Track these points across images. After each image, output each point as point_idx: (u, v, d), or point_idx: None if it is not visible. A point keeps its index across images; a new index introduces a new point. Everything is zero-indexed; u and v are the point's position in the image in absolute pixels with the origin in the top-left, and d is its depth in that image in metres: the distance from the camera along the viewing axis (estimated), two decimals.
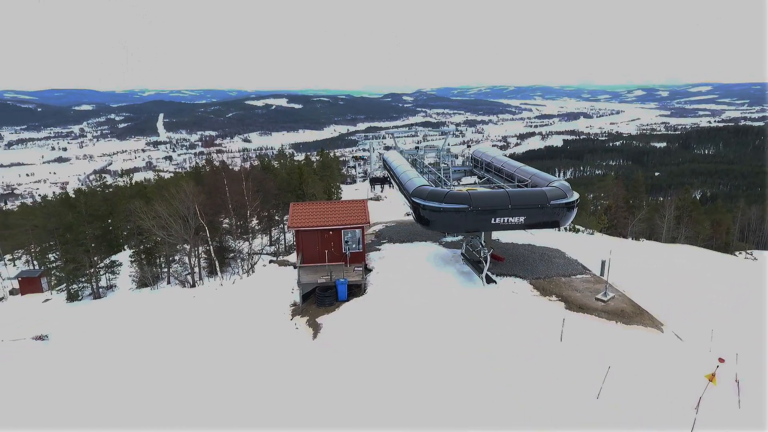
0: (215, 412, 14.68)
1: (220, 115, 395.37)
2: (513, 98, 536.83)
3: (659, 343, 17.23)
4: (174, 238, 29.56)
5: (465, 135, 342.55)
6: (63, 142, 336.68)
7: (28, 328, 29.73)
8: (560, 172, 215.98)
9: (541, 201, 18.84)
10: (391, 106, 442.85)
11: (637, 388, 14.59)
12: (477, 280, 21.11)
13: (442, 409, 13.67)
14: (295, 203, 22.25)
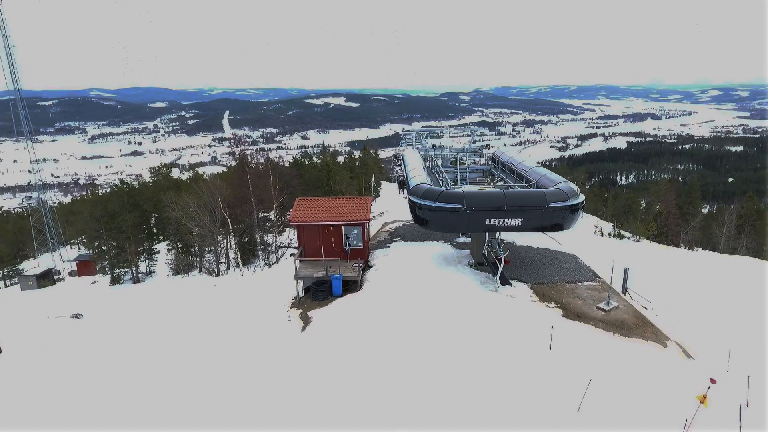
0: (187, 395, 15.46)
1: (281, 113, 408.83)
2: (575, 98, 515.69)
3: (657, 359, 16.24)
4: (202, 228, 31.30)
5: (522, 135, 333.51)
6: (138, 137, 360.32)
7: (72, 306, 32.52)
8: (622, 175, 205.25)
9: (540, 203, 18.21)
10: (447, 105, 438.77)
11: (622, 404, 13.91)
12: (476, 280, 20.75)
13: (408, 408, 13.64)
14: (302, 198, 22.85)
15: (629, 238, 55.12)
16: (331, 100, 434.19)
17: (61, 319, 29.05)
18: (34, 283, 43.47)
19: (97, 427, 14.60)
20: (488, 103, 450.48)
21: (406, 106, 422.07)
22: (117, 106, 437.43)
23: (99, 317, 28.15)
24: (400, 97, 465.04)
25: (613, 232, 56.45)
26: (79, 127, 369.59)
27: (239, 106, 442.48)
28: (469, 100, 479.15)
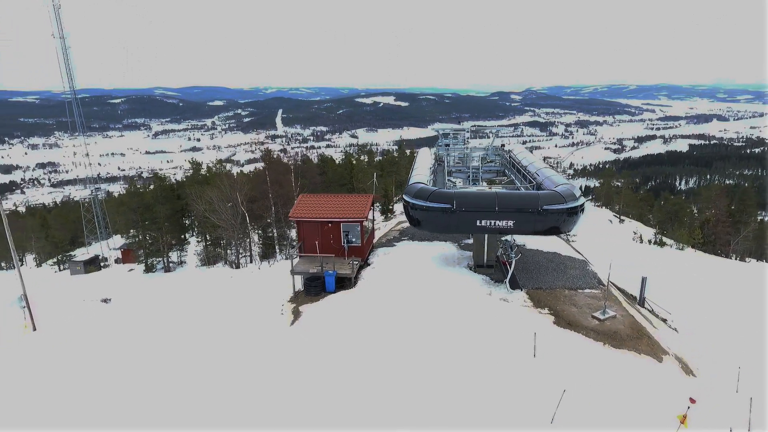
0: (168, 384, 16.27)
1: (332, 112, 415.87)
2: (633, 98, 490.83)
3: (648, 373, 15.40)
4: (223, 221, 32.66)
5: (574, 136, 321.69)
6: (197, 134, 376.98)
7: (106, 291, 34.81)
8: (681, 180, 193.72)
9: (532, 205, 17.69)
10: (497, 105, 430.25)
11: (600, 418, 13.42)
12: (471, 283, 20.45)
13: (376, 405, 13.73)
14: (305, 195, 23.33)
15: (672, 246, 52.17)
16: (381, 99, 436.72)
17: (92, 303, 31.16)
18: (82, 269, 46.76)
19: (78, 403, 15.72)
20: (540, 103, 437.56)
21: (455, 106, 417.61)
22: (179, 104, 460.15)
23: (123, 302, 29.98)
24: (449, 97, 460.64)
25: (654, 239, 53.64)
26: (144, 124, 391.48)
27: (292, 104, 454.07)
28: (520, 99, 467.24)
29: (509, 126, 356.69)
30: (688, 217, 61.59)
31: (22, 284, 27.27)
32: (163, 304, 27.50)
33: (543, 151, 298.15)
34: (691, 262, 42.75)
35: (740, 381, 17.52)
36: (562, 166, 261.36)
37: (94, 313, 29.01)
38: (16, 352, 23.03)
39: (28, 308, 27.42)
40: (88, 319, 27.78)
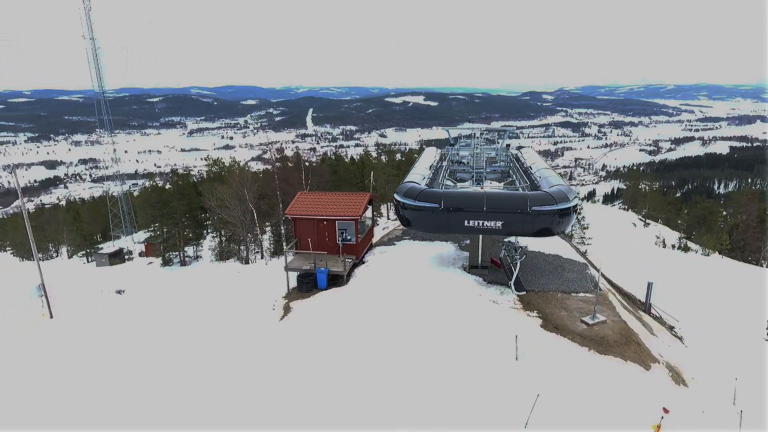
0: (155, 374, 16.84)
1: (361, 111, 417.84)
2: (671, 98, 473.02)
3: (633, 381, 14.99)
4: (233, 218, 33.42)
5: (608, 137, 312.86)
6: (230, 132, 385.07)
7: (124, 283, 36.15)
8: (721, 183, 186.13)
9: (521, 205, 17.43)
10: (528, 105, 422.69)
11: (574, 423, 13.20)
12: (463, 283, 20.29)
13: (350, 400, 13.86)
14: (303, 192, 23.63)
15: (697, 252, 50.24)
16: (410, 99, 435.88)
17: (107, 294, 32.44)
18: (107, 261, 48.66)
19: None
20: (573, 103, 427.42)
21: (485, 106, 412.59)
22: (213, 103, 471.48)
23: (136, 294, 31.08)
24: (480, 96, 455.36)
25: (678, 243, 51.83)
26: (180, 122, 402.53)
27: (322, 103, 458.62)
28: (552, 99, 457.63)
29: (540, 126, 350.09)
30: (718, 222, 59.16)
31: (40, 274, 28.63)
32: (169, 296, 28.41)
33: (575, 152, 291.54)
34: (714, 269, 41.03)
35: (737, 393, 16.91)
36: (594, 168, 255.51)
37: (107, 303, 30.20)
38: (32, 338, 24.26)
39: (45, 297, 28.79)
40: (100, 309, 28.95)
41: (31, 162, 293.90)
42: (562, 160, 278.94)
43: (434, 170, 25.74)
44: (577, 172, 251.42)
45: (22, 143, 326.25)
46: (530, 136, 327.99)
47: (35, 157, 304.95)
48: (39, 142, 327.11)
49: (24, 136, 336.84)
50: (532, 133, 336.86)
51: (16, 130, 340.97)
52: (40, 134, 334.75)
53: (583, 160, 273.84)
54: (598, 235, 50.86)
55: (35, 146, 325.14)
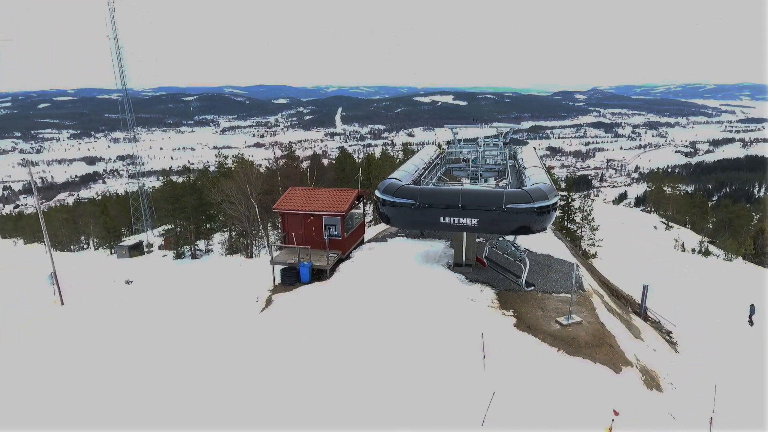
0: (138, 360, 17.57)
1: (390, 110, 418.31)
2: (711, 98, 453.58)
3: (600, 382, 14.73)
4: (237, 212, 34.25)
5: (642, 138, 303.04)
6: (261, 130, 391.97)
7: (137, 274, 37.57)
8: (762, 187, 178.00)
9: (496, 203, 17.31)
10: (560, 105, 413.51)
11: (531, 422, 13.12)
12: (443, 280, 20.23)
13: (315, 395, 14.04)
14: (294, 188, 24.05)
15: (718, 257, 48.40)
16: (439, 98, 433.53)
17: (118, 283, 33.82)
18: (127, 253, 50.58)
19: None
20: (606, 103, 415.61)
21: (515, 105, 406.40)
22: (246, 102, 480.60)
23: (143, 284, 32.29)
24: (510, 96, 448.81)
25: (699, 248, 50.01)
26: (213, 120, 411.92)
27: (352, 103, 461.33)
28: (585, 99, 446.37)
29: (572, 126, 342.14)
30: (745, 227, 56.75)
31: (52, 264, 30.11)
32: (171, 287, 29.42)
33: (606, 153, 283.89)
34: (732, 274, 39.48)
35: (722, 401, 16.40)
36: (627, 169, 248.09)
37: (115, 292, 31.49)
38: (44, 322, 25.61)
39: (57, 285, 30.26)
40: (107, 297, 30.24)
41: (72, 158, 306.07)
42: (594, 161, 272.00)
43: (427, 168, 25.76)
44: (608, 173, 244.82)
45: (65, 140, 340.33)
46: (561, 137, 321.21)
47: (77, 153, 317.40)
48: (81, 139, 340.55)
49: (67, 132, 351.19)
50: (563, 133, 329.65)
51: (60, 127, 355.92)
52: (81, 131, 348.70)
53: (615, 161, 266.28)
54: (612, 237, 49.62)
55: (77, 143, 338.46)
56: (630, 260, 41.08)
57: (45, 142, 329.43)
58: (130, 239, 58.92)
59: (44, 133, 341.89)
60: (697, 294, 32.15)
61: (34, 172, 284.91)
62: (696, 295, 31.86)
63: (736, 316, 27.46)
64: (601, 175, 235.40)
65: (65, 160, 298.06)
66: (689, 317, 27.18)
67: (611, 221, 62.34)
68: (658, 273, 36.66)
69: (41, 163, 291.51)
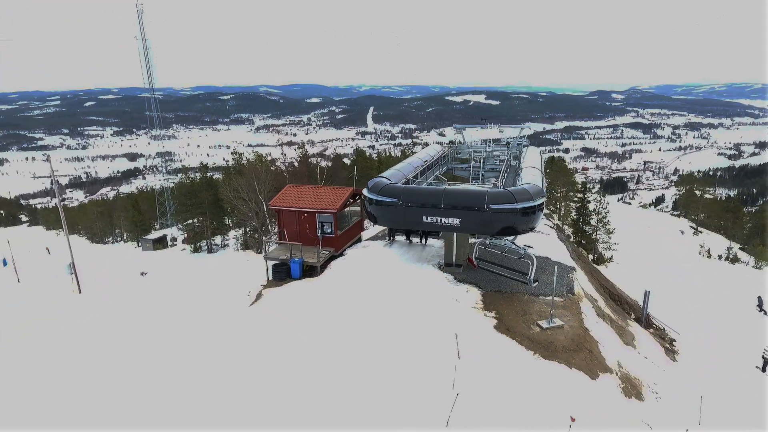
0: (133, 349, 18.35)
1: (421, 110, 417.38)
2: (758, 98, 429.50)
3: (573, 387, 14.45)
4: (249, 209, 35.05)
5: (683, 140, 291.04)
6: (294, 129, 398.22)
7: (155, 266, 39.00)
8: None
9: (478, 203, 17.18)
10: (596, 105, 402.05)
11: (495, 424, 13.07)
12: (431, 279, 20.18)
13: (290, 390, 14.27)
14: (291, 185, 24.47)
15: (747, 264, 46.24)
16: (471, 98, 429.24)
17: (132, 275, 35.24)
18: (151, 246, 52.56)
19: None
20: (645, 103, 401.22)
21: (549, 105, 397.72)
22: (280, 101, 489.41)
23: (155, 277, 33.54)
24: (543, 95, 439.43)
25: (727, 254, 47.91)
26: (248, 119, 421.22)
27: (383, 102, 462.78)
28: (622, 99, 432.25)
29: (608, 127, 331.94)
30: None
31: (71, 254, 31.65)
32: (181, 280, 30.46)
33: (644, 155, 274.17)
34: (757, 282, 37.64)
35: (710, 413, 15.89)
36: (665, 172, 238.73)
37: (129, 283, 32.84)
38: (62, 309, 27.03)
39: (75, 275, 31.80)
40: (121, 287, 31.58)
41: (115, 154, 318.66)
42: (630, 162, 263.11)
43: (426, 167, 25.72)
44: (645, 176, 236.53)
45: (109, 136, 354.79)
46: (596, 137, 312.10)
47: (119, 150, 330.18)
48: (123, 136, 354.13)
49: (111, 129, 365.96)
50: (599, 134, 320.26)
51: (104, 124, 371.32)
52: (124, 128, 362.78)
53: (653, 163, 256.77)
54: (635, 241, 48.15)
55: (120, 139, 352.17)
56: (647, 265, 39.76)
57: (90, 138, 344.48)
58: (156, 233, 61.14)
59: (90, 130, 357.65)
60: (712, 302, 30.91)
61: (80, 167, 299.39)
62: (711, 303, 30.64)
63: (749, 327, 26.27)
64: (638, 177, 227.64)
65: (108, 156, 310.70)
66: (699, 325, 26.24)
67: (637, 225, 60.42)
68: (674, 279, 35.42)
69: (86, 159, 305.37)
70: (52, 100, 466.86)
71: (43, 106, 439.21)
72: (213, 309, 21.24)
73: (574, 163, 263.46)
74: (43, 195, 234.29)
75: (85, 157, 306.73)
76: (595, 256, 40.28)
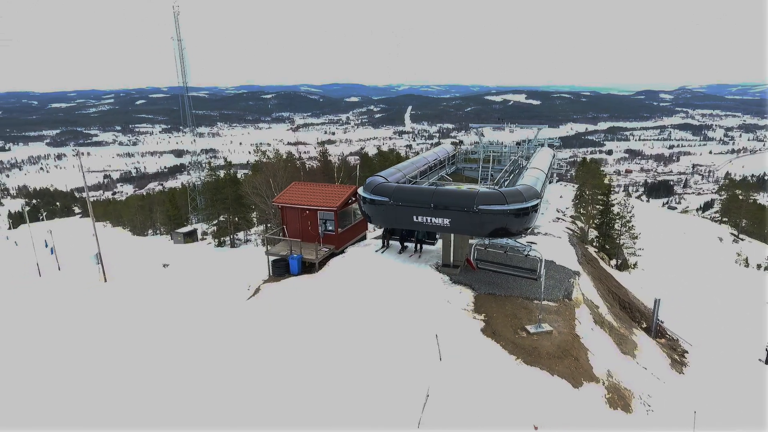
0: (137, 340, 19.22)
1: (459, 109, 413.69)
2: None
3: (552, 395, 14.08)
4: (266, 206, 35.88)
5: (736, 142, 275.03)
6: (333, 128, 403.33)
7: (179, 258, 40.54)
8: None
9: (467, 203, 16.95)
10: (642, 105, 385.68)
11: (466, 425, 13.00)
12: (427, 280, 20.08)
13: (270, 383, 14.67)
14: (297, 182, 24.86)
15: None
16: (511, 97, 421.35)
17: (155, 266, 36.78)
18: (182, 239, 54.62)
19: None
20: (696, 103, 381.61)
21: (592, 105, 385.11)
22: (319, 100, 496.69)
23: (176, 269, 34.85)
24: (587, 95, 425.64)
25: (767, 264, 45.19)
26: (288, 117, 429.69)
27: (422, 101, 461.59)
28: (671, 99, 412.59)
29: (655, 128, 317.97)
30: None
31: (97, 245, 33.38)
32: (198, 272, 31.57)
33: (693, 157, 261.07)
34: None
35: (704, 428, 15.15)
36: (715, 176, 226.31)
37: (151, 274, 34.29)
38: (88, 296, 28.60)
39: (101, 264, 33.51)
40: (143, 277, 33.04)
41: (163, 150, 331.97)
42: (677, 165, 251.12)
43: (431, 166, 25.56)
44: (693, 179, 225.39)
45: (157, 133, 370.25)
46: (642, 139, 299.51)
47: (167, 146, 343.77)
48: (170, 133, 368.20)
49: (159, 127, 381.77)
50: (645, 135, 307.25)
51: (153, 122, 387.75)
52: (172, 126, 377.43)
53: (703, 166, 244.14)
54: (664, 247, 46.11)
55: (167, 136, 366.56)
56: (675, 273, 38.01)
57: (140, 135, 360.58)
58: (188, 227, 63.42)
59: (140, 127, 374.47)
60: (740, 314, 29.21)
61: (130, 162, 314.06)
62: (738, 315, 28.96)
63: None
64: (685, 181, 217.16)
65: (156, 152, 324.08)
66: (718, 337, 24.88)
67: (673, 230, 57.76)
68: (701, 288, 33.73)
69: (136, 155, 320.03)
70: (106, 99, 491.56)
71: (98, 104, 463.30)
72: (215, 301, 21.96)
73: (617, 165, 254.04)
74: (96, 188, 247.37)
75: (136, 153, 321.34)
76: (619, 261, 38.85)
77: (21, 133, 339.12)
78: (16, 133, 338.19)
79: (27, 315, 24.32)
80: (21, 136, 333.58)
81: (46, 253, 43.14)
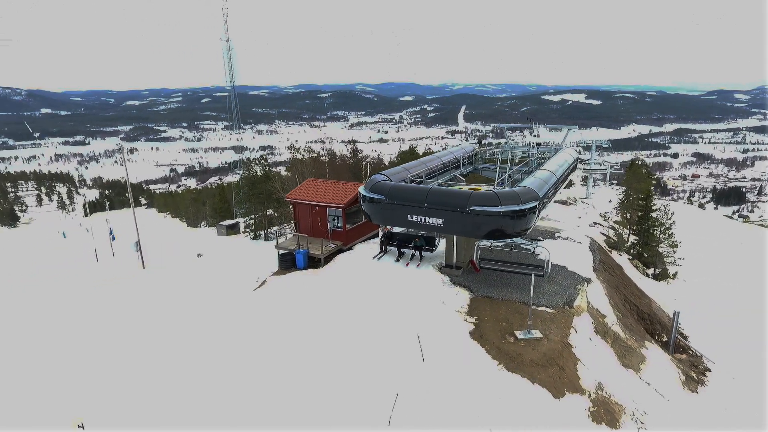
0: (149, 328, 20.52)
1: (515, 109, 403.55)
2: None
3: (531, 403, 13.80)
4: None
5: None
6: (386, 127, 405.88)
7: (217, 249, 42.52)
8: None
9: (460, 204, 16.78)
10: (714, 105, 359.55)
11: (432, 427, 13.06)
12: (427, 280, 20.05)
13: (256, 376, 15.29)
14: (311, 179, 25.44)
15: None
16: (570, 97, 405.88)
17: (189, 256, 38.79)
18: (225, 231, 57.22)
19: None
20: None
21: (658, 105, 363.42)
22: (374, 99, 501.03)
23: (208, 260, 36.59)
24: (652, 95, 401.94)
25: None
26: (343, 116, 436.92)
27: (476, 101, 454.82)
28: (747, 99, 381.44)
29: (727, 131, 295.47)
30: None
31: (137, 234, 35.67)
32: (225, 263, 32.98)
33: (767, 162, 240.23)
34: None
35: None
36: None
37: (184, 263, 36.21)
38: (129, 281, 30.70)
39: (140, 252, 35.79)
40: (175, 266, 34.97)
41: (224, 146, 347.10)
42: (752, 171, 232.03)
43: (445, 166, 25.38)
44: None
45: (220, 130, 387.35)
46: (712, 142, 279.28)
47: (228, 143, 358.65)
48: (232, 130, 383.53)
49: (221, 124, 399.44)
50: (716, 138, 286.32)
51: (216, 119, 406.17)
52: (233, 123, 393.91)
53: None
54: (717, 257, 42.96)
55: (229, 133, 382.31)
56: (720, 285, 35.37)
57: (204, 132, 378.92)
58: (232, 220, 66.22)
59: (204, 124, 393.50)
60: None
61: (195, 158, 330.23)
62: None
63: None
64: (760, 188, 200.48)
65: (218, 148, 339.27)
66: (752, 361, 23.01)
67: (728, 240, 53.69)
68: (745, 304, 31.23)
69: (200, 150, 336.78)
70: (175, 97, 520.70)
71: (167, 101, 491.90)
72: (226, 291, 22.95)
73: (683, 169, 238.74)
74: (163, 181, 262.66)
75: (199, 148, 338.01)
76: (657, 270, 36.66)
77: (99, 128, 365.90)
78: (94, 128, 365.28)
79: (54, 302, 26.28)
80: (99, 131, 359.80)
81: (109, 240, 46.58)
